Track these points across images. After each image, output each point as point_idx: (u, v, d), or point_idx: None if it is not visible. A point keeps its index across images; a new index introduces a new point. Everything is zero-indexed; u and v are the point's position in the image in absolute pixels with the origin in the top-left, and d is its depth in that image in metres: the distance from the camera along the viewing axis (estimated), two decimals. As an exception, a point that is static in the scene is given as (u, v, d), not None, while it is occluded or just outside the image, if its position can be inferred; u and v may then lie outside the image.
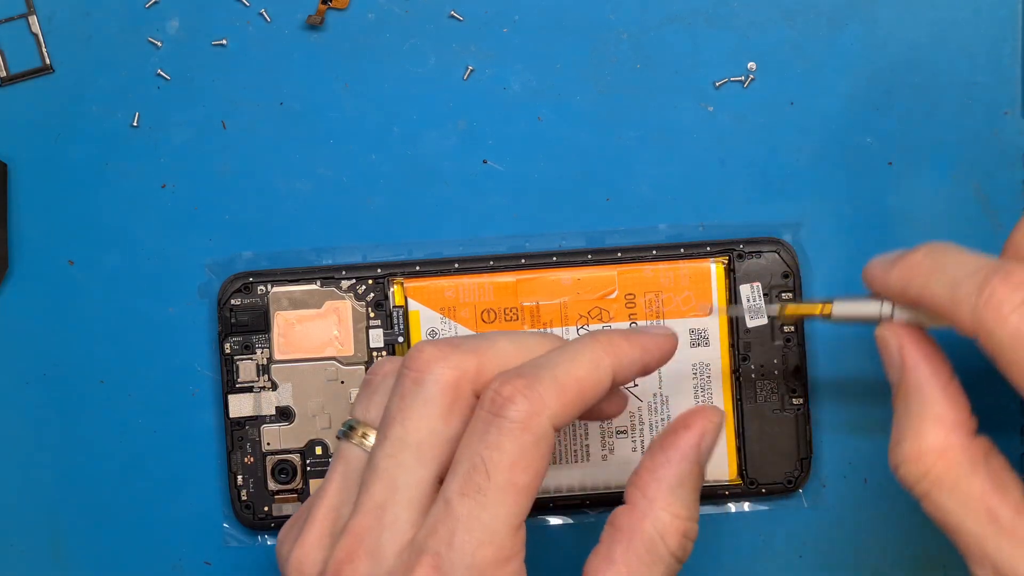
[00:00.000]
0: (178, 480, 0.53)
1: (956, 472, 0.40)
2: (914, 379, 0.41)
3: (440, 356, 0.41)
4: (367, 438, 0.42)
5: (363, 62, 0.52)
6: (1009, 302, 0.38)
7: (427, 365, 0.41)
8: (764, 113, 0.52)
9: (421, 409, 0.41)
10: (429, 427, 0.41)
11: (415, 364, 0.41)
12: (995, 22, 0.52)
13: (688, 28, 0.52)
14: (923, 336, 0.42)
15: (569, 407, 0.41)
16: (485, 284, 0.52)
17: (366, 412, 0.43)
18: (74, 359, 0.53)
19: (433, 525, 0.40)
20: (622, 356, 0.42)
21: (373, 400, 0.43)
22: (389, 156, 0.53)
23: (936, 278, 0.40)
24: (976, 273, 0.39)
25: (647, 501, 0.42)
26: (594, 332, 0.43)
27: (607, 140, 0.52)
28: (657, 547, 0.42)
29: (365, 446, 0.42)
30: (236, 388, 0.52)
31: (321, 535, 0.42)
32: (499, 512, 0.40)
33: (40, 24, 0.52)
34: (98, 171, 0.53)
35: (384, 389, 0.43)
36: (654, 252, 0.52)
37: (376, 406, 0.43)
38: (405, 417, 0.41)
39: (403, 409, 0.41)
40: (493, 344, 0.42)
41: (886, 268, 0.42)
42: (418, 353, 0.41)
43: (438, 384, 0.41)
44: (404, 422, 0.41)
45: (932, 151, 0.52)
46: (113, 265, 0.53)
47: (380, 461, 0.41)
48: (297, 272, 0.52)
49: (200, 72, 0.52)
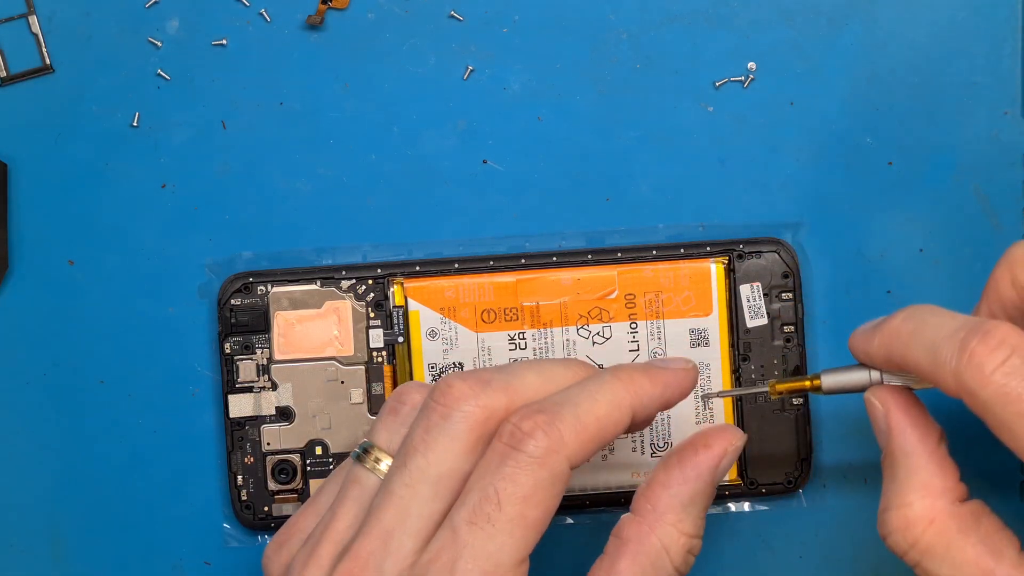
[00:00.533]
0: (178, 480, 0.53)
1: (946, 539, 0.39)
2: (900, 445, 0.41)
3: (470, 394, 0.41)
4: (380, 463, 0.43)
5: (363, 62, 0.52)
6: (990, 363, 0.38)
7: (456, 401, 0.41)
8: (764, 113, 0.52)
9: (446, 444, 0.41)
10: (451, 463, 0.41)
11: (444, 399, 0.41)
12: (995, 22, 0.52)
13: (688, 28, 0.52)
14: (911, 400, 0.42)
15: (587, 446, 0.41)
16: (485, 284, 0.52)
17: (388, 439, 0.43)
18: (74, 359, 0.53)
19: (437, 551, 0.40)
20: (643, 394, 0.43)
21: (395, 428, 0.43)
22: (389, 156, 0.53)
23: (916, 343, 0.40)
24: (955, 335, 0.39)
25: (656, 515, 0.43)
26: (616, 368, 0.43)
27: (607, 140, 0.52)
28: (663, 562, 0.42)
29: (378, 471, 0.42)
30: (236, 388, 0.52)
31: (331, 556, 0.42)
32: (506, 544, 0.40)
33: (40, 24, 0.52)
34: (98, 171, 0.53)
35: (410, 420, 0.43)
36: (654, 252, 0.52)
37: (399, 436, 0.43)
38: (428, 449, 0.41)
39: (427, 441, 0.41)
40: (522, 380, 0.42)
41: (868, 337, 0.42)
42: (447, 388, 0.42)
43: (466, 422, 0.41)
44: (427, 454, 0.41)
45: (932, 151, 0.52)
46: (113, 265, 0.53)
47: (397, 488, 0.41)
48: (297, 272, 0.52)
49: (200, 72, 0.52)
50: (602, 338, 0.51)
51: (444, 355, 0.51)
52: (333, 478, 0.45)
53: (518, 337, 0.51)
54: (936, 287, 0.52)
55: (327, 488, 0.44)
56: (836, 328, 0.53)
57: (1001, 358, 0.38)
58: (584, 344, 0.51)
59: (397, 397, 0.44)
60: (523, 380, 0.42)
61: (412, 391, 0.44)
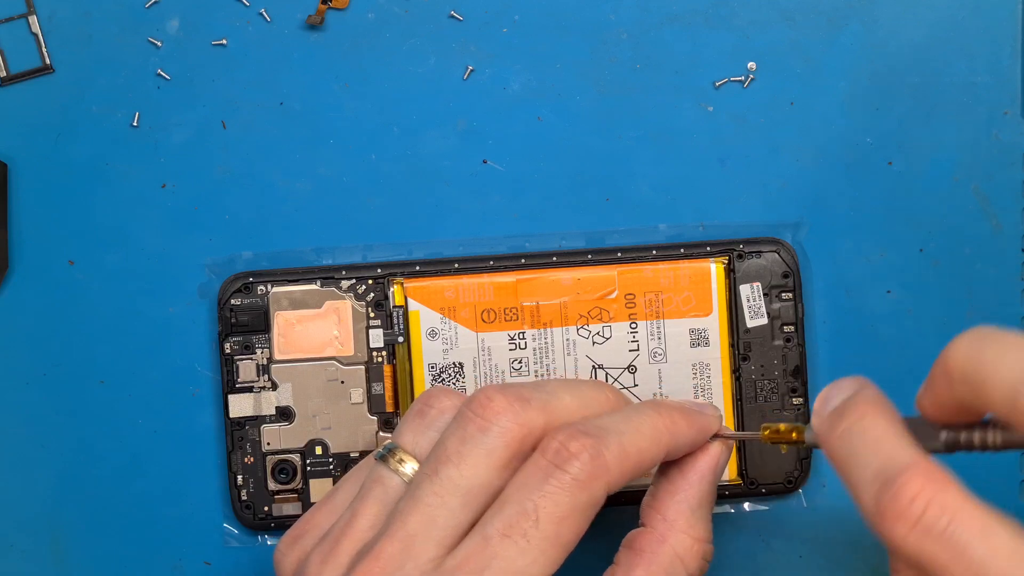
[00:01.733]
0: (178, 480, 0.53)
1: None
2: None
3: (510, 410, 0.41)
4: (404, 464, 0.43)
5: (363, 62, 0.52)
6: (902, 524, 0.36)
7: (495, 416, 0.41)
8: (764, 113, 0.52)
9: (482, 458, 0.41)
10: (484, 477, 0.41)
11: (483, 411, 0.41)
12: (995, 22, 0.52)
13: (688, 28, 0.52)
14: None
15: (626, 475, 0.41)
16: (485, 284, 0.52)
17: (413, 441, 0.43)
18: (74, 359, 0.53)
19: (465, 557, 0.40)
20: (679, 435, 0.43)
21: (421, 431, 0.43)
22: (389, 156, 0.53)
23: (851, 466, 0.39)
24: (876, 479, 0.37)
25: (667, 523, 0.43)
26: (657, 404, 0.43)
27: (607, 140, 0.52)
28: (677, 570, 0.42)
29: (402, 473, 0.42)
30: (236, 388, 0.52)
31: (349, 554, 0.42)
32: (537, 561, 0.40)
33: (40, 24, 0.52)
34: (98, 171, 0.53)
35: (439, 425, 0.43)
36: (654, 252, 0.52)
37: (426, 439, 0.43)
38: (462, 460, 0.41)
39: (462, 453, 0.41)
40: (560, 401, 0.42)
41: (824, 425, 0.40)
42: (487, 400, 0.41)
43: (503, 437, 0.41)
44: (460, 465, 0.41)
45: (932, 151, 0.52)
46: (113, 265, 0.53)
47: (425, 495, 0.41)
48: (297, 272, 0.52)
49: (200, 72, 0.52)
50: (602, 338, 0.51)
51: (444, 355, 0.51)
52: (352, 477, 0.45)
53: (518, 337, 0.51)
54: (936, 287, 0.52)
55: (345, 486, 0.44)
56: (836, 328, 0.53)
57: (914, 518, 0.36)
58: (584, 344, 0.51)
59: (425, 400, 0.44)
60: (560, 401, 0.42)
61: (441, 396, 0.44)
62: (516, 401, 0.42)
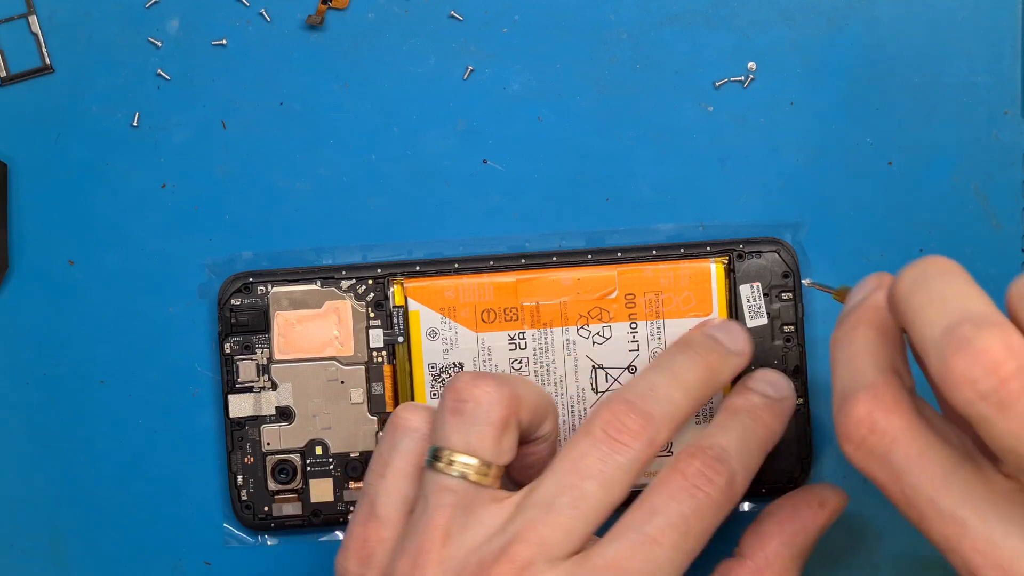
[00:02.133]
0: (178, 480, 0.53)
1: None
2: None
3: (642, 432, 0.43)
4: (454, 466, 0.43)
5: (363, 62, 0.52)
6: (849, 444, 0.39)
7: (632, 439, 0.43)
8: (764, 113, 0.52)
9: (622, 477, 0.43)
10: (620, 495, 0.43)
11: (620, 435, 0.43)
12: (995, 22, 0.52)
13: (688, 28, 0.52)
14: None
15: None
16: (485, 284, 0.52)
17: (464, 441, 0.43)
18: (74, 359, 0.53)
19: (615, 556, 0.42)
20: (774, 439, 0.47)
21: (466, 428, 0.43)
22: (389, 156, 0.53)
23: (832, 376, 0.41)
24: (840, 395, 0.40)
25: (767, 562, 0.45)
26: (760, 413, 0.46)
27: (607, 140, 0.52)
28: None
29: (463, 474, 0.43)
30: (236, 388, 0.52)
31: (439, 563, 0.42)
32: (677, 571, 0.42)
33: (40, 24, 0.52)
34: (98, 171, 0.53)
35: (480, 417, 0.43)
36: (654, 252, 0.52)
37: (475, 435, 0.43)
38: (607, 480, 0.43)
39: (604, 472, 0.43)
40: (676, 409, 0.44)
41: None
42: (621, 425, 0.43)
43: (638, 461, 0.43)
44: (605, 484, 0.43)
45: (932, 151, 0.52)
46: (113, 265, 0.53)
47: (564, 508, 0.42)
48: (297, 272, 0.52)
49: (200, 72, 0.52)
50: (602, 338, 0.51)
51: (444, 355, 0.51)
52: (385, 488, 0.45)
53: (518, 337, 0.51)
54: (936, 287, 0.52)
55: (381, 497, 0.45)
56: (836, 328, 0.53)
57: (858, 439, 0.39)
58: (584, 344, 0.51)
59: (457, 395, 0.44)
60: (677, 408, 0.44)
61: (471, 387, 0.44)
62: (647, 422, 0.43)
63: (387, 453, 0.45)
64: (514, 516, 0.43)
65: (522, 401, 0.44)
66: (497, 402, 0.43)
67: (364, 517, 0.44)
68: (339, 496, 0.52)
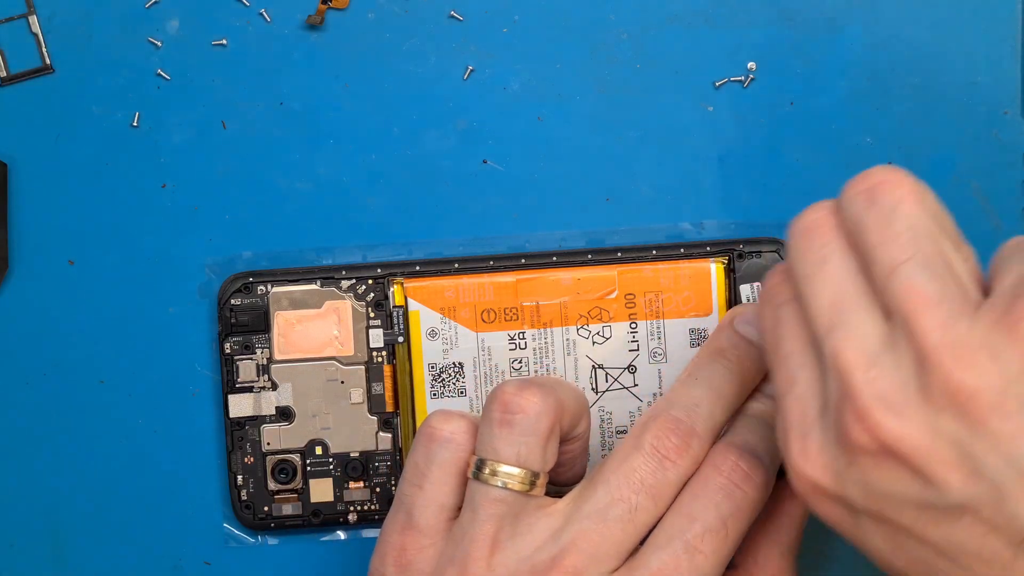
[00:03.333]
0: (178, 480, 0.53)
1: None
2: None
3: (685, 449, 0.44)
4: (499, 475, 0.44)
5: (363, 62, 0.52)
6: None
7: (678, 455, 0.44)
8: (764, 113, 0.52)
9: (667, 491, 0.44)
10: (662, 509, 0.44)
11: (668, 451, 0.44)
12: (995, 22, 0.52)
13: (688, 28, 0.52)
14: None
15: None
16: (485, 284, 0.52)
17: (515, 454, 0.44)
18: (74, 359, 0.53)
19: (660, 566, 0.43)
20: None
21: (516, 440, 0.44)
22: (389, 156, 0.53)
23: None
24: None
25: (758, 567, 0.46)
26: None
27: (607, 140, 0.52)
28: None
29: (511, 486, 0.44)
30: (236, 388, 0.52)
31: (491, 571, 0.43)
32: (716, 571, 0.44)
33: (40, 24, 0.52)
34: (98, 171, 0.53)
35: (528, 428, 0.44)
36: (654, 252, 0.52)
37: (525, 446, 0.44)
38: (655, 493, 0.44)
39: (655, 486, 0.44)
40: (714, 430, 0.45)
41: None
42: (666, 441, 0.44)
43: (684, 475, 0.44)
44: (654, 497, 0.44)
45: (932, 151, 0.52)
46: (113, 265, 0.53)
47: (617, 520, 0.43)
48: (297, 272, 0.52)
49: (200, 72, 0.52)
50: (602, 338, 0.51)
51: (444, 355, 0.51)
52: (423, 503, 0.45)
53: (518, 337, 0.51)
54: (936, 287, 0.52)
55: (422, 509, 0.45)
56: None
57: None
58: (584, 344, 0.51)
59: (505, 408, 0.44)
60: (717, 424, 0.45)
61: (518, 398, 0.44)
62: (688, 435, 0.44)
63: (423, 464, 0.45)
64: (565, 526, 0.43)
65: (565, 408, 0.45)
66: (544, 412, 0.44)
67: (401, 526, 0.45)
68: (339, 496, 0.52)
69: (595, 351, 0.52)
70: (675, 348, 0.52)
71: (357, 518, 0.52)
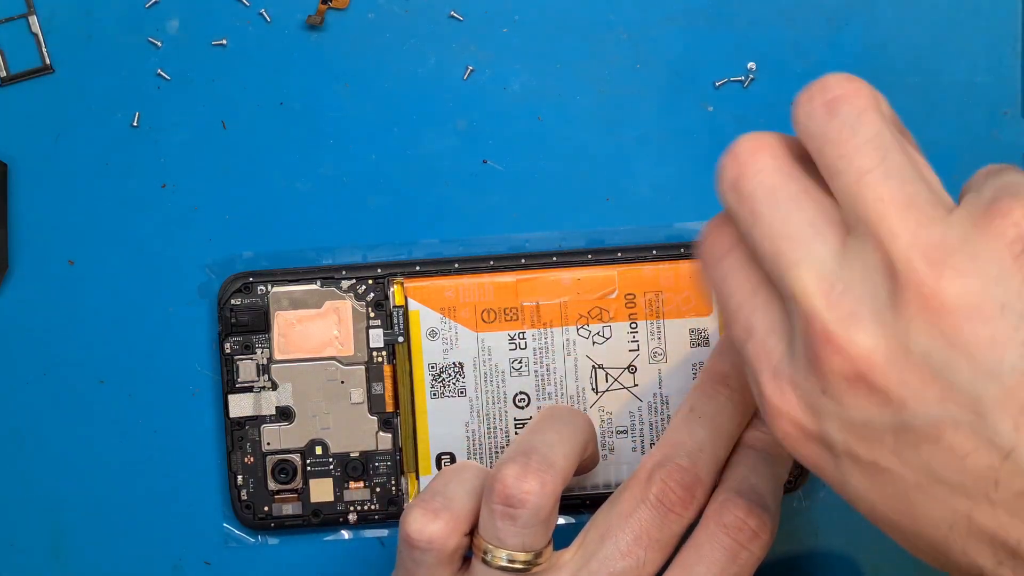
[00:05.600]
0: (178, 480, 0.53)
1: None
2: None
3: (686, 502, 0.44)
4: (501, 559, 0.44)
5: (363, 62, 0.52)
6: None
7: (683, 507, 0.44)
8: (764, 113, 0.52)
9: (675, 541, 0.44)
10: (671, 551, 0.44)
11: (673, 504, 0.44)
12: (995, 22, 0.52)
13: (688, 28, 0.52)
14: None
15: None
16: (485, 284, 0.52)
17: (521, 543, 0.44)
18: (74, 359, 0.53)
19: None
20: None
21: (522, 531, 0.44)
22: (389, 156, 0.53)
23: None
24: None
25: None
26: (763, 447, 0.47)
27: (607, 140, 0.52)
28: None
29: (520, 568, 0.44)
30: (236, 388, 0.52)
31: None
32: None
33: (40, 24, 0.52)
34: (98, 171, 0.53)
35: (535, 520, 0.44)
36: (654, 252, 0.52)
37: (529, 536, 0.44)
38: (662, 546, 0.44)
39: (662, 540, 0.44)
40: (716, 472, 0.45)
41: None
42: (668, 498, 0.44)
43: (687, 525, 0.44)
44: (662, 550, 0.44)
45: (932, 151, 0.52)
46: (113, 265, 0.53)
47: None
48: (297, 272, 0.52)
49: (200, 72, 0.52)
50: (602, 338, 0.51)
51: (444, 355, 0.51)
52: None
53: (518, 337, 0.51)
54: (936, 287, 0.52)
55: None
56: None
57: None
58: (584, 344, 0.51)
59: (506, 500, 0.44)
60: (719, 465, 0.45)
61: (518, 490, 0.44)
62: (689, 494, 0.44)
63: (412, 567, 0.45)
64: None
65: (570, 471, 0.45)
66: (546, 497, 0.44)
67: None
68: (339, 496, 0.52)
69: (595, 351, 0.52)
70: (675, 348, 0.52)
71: (357, 518, 0.52)
